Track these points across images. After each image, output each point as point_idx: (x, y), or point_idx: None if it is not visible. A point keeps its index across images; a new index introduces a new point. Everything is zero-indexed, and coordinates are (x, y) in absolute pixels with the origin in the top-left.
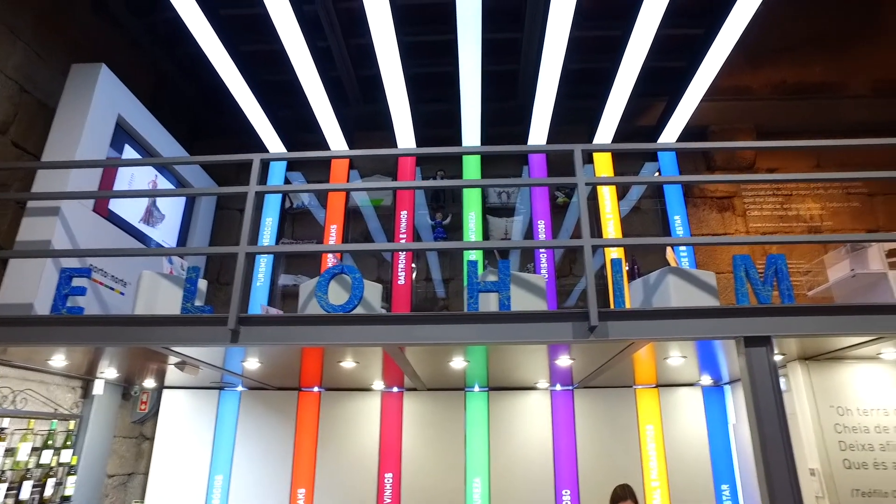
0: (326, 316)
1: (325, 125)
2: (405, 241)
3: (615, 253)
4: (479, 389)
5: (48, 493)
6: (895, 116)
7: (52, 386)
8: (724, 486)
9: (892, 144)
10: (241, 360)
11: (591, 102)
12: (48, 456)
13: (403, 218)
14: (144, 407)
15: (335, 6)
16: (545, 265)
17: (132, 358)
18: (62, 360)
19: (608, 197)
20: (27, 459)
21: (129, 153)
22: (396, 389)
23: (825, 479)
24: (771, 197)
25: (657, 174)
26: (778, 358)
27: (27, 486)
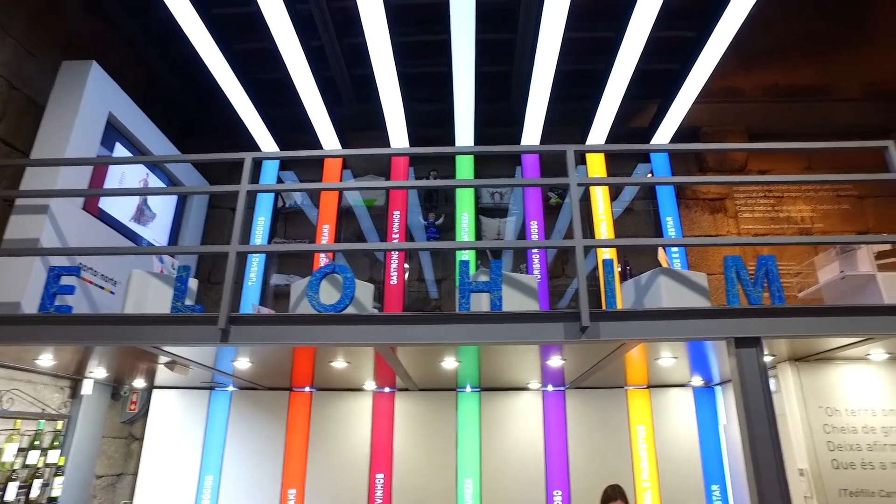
0: (317, 315)
1: (318, 124)
2: (398, 241)
3: (607, 254)
4: (470, 390)
5: (34, 494)
6: (884, 119)
7: (39, 386)
8: (714, 486)
9: (881, 147)
10: (231, 359)
11: (584, 104)
12: (35, 457)
13: (396, 218)
14: (134, 407)
15: (329, 5)
16: (538, 266)
17: (121, 357)
18: (50, 359)
19: (601, 198)
20: (13, 460)
21: (120, 151)
22: (388, 390)
23: (814, 479)
24: (762, 199)
25: (649, 175)
26: (768, 359)
27: (13, 487)
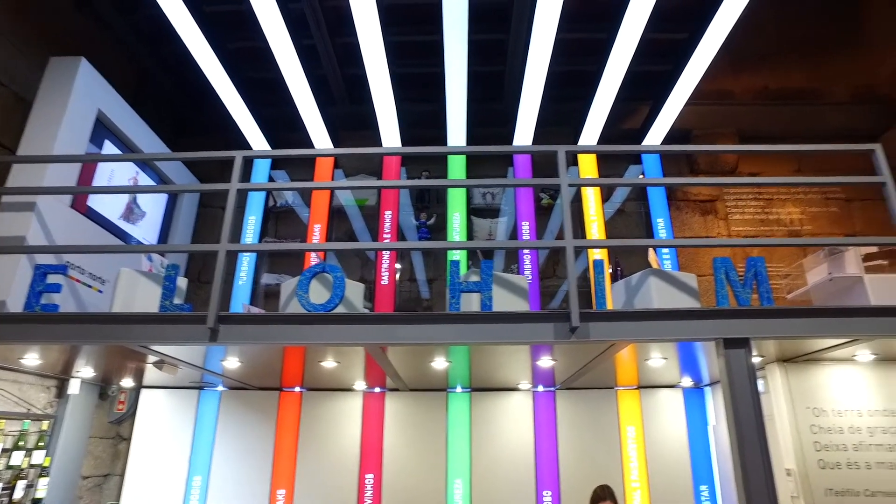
0: (307, 315)
1: (310, 124)
2: (389, 240)
3: (598, 254)
4: (461, 390)
5: (18, 495)
6: (873, 123)
7: (25, 385)
8: (702, 486)
9: (868, 150)
10: (220, 359)
11: (576, 105)
12: (19, 457)
13: (388, 218)
14: (122, 407)
15: (321, 4)
16: (529, 267)
17: (109, 357)
18: (36, 358)
19: (592, 199)
20: None
21: (109, 149)
22: (378, 390)
23: (800, 479)
24: (752, 201)
25: (641, 177)
26: (757, 360)
27: None
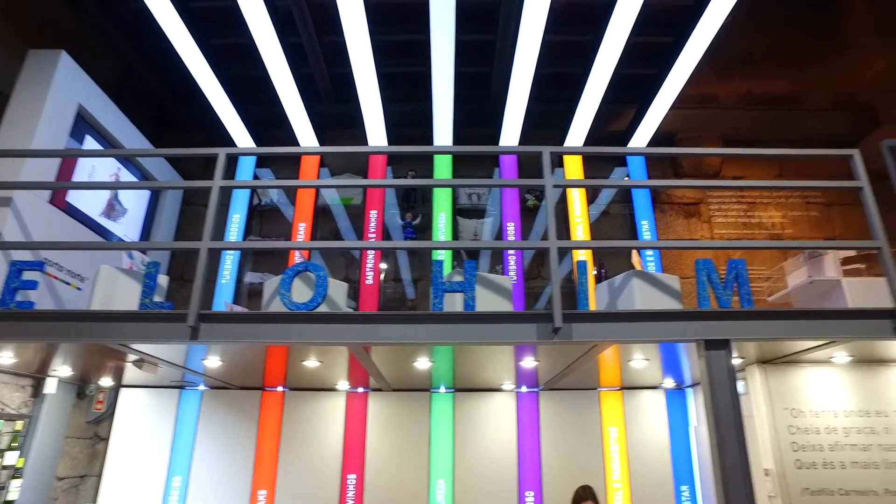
0: (289, 314)
1: (295, 122)
2: (374, 240)
3: (582, 256)
4: (444, 391)
5: None
6: (852, 129)
7: None
8: (683, 487)
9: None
10: (201, 358)
11: (562, 106)
12: None
13: (373, 217)
14: (100, 406)
15: (308, 2)
16: (514, 267)
17: (87, 355)
18: (10, 357)
19: (577, 201)
20: None
21: (90, 144)
22: (361, 390)
23: (778, 478)
24: (735, 204)
25: (626, 179)
26: (737, 361)
27: None
